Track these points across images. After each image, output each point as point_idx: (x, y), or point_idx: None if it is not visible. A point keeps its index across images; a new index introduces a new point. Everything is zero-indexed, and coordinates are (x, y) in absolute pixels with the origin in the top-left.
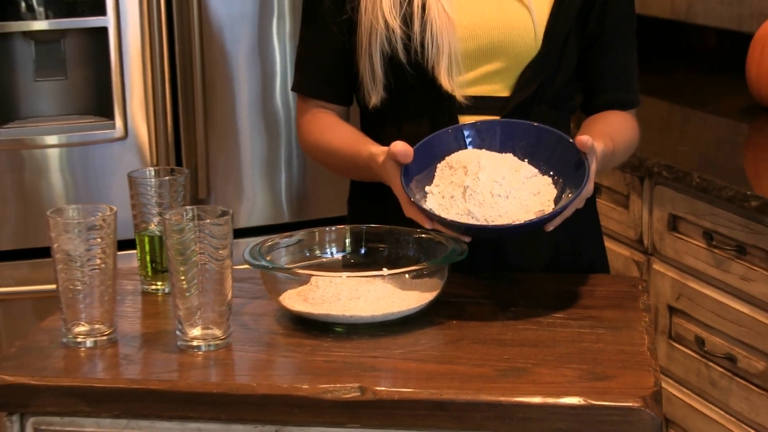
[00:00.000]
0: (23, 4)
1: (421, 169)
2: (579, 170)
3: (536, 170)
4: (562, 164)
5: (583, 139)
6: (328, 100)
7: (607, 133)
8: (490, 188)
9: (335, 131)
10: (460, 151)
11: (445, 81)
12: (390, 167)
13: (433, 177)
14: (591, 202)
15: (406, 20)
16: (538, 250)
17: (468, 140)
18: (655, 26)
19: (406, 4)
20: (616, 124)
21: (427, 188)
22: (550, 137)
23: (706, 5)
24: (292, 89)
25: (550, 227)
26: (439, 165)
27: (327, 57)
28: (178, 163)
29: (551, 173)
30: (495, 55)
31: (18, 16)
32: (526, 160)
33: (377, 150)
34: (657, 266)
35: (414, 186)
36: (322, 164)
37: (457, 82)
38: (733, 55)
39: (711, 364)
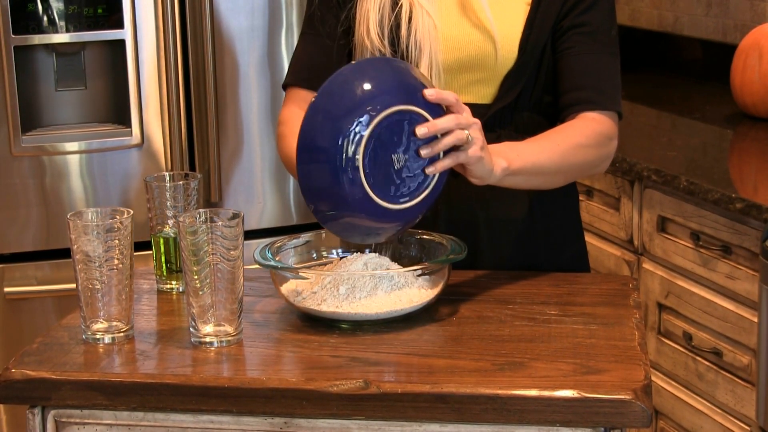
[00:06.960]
0: (45, 19)
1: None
2: None
3: None
4: None
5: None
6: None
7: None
8: None
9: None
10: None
11: None
12: None
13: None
14: (572, 204)
15: (393, 31)
16: (515, 249)
17: None
18: (643, 38)
19: (395, 12)
20: (560, 126)
21: None
22: None
23: (692, 18)
24: (284, 84)
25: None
26: None
27: (321, 56)
28: (192, 168)
29: None
30: (474, 67)
31: (40, 30)
32: None
33: None
34: (646, 265)
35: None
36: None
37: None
38: (718, 65)
39: (698, 358)
